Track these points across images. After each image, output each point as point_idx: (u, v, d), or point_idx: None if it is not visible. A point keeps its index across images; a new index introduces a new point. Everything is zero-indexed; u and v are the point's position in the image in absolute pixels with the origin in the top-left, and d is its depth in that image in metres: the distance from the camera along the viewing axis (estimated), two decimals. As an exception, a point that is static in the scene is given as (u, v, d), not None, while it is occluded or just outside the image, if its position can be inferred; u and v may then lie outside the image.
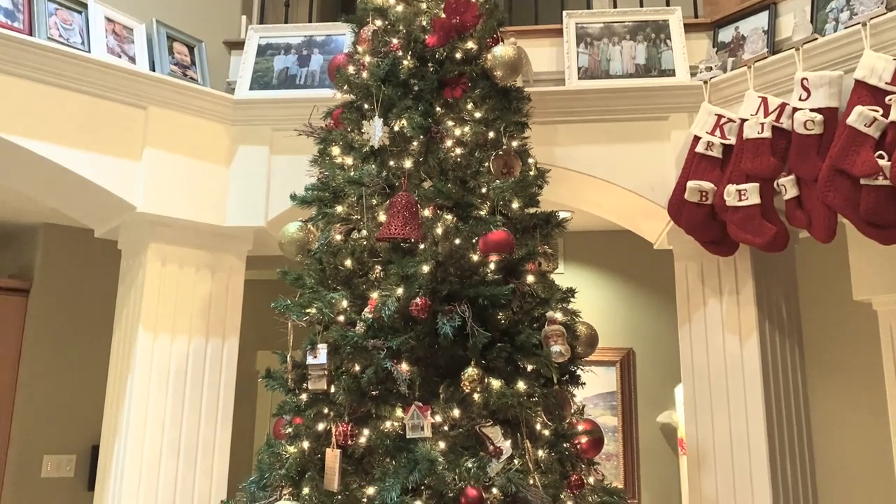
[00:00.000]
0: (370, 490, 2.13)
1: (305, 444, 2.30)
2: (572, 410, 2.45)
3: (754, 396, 2.91)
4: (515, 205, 2.48)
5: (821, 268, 4.17)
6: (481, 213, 2.43)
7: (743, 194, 2.70)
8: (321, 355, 2.27)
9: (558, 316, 2.40)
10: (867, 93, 2.45)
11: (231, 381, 3.25)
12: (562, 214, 2.68)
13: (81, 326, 4.34)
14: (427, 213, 2.40)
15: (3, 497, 4.25)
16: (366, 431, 2.23)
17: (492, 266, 2.33)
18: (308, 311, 2.35)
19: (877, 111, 2.40)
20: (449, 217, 2.38)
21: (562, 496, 2.24)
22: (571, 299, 2.54)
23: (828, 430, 4.18)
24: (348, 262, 2.43)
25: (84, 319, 4.34)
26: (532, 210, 2.60)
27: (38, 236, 4.41)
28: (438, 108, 2.53)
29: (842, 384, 4.27)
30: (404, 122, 2.47)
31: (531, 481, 2.14)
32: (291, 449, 2.30)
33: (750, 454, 2.90)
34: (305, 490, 2.24)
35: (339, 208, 2.50)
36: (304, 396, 2.34)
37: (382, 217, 2.38)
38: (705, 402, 3.04)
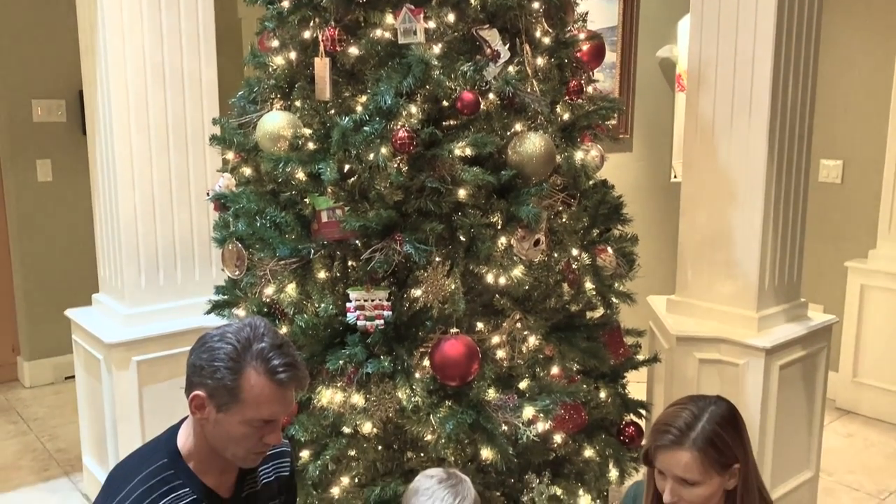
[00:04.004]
0: (363, 98, 2.07)
1: (293, 55, 2.18)
2: (574, 18, 2.30)
3: (766, 14, 2.73)
4: None
5: None
6: None
7: None
8: (300, -47, 2.04)
9: None
10: None
11: (209, 12, 3.03)
12: None
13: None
14: None
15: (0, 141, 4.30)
16: (355, 42, 2.10)
17: None
18: None
19: None
20: None
21: (559, 102, 2.20)
22: None
23: (834, 71, 4.08)
24: None
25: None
26: None
27: None
28: None
29: (854, 26, 4.09)
30: None
31: (529, 87, 2.07)
32: (278, 60, 2.19)
33: (753, 76, 2.81)
34: (297, 102, 2.18)
35: None
36: (285, 3, 2.16)
37: None
38: (713, 23, 2.88)
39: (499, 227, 2.07)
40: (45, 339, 4.47)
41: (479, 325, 2.20)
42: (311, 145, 2.07)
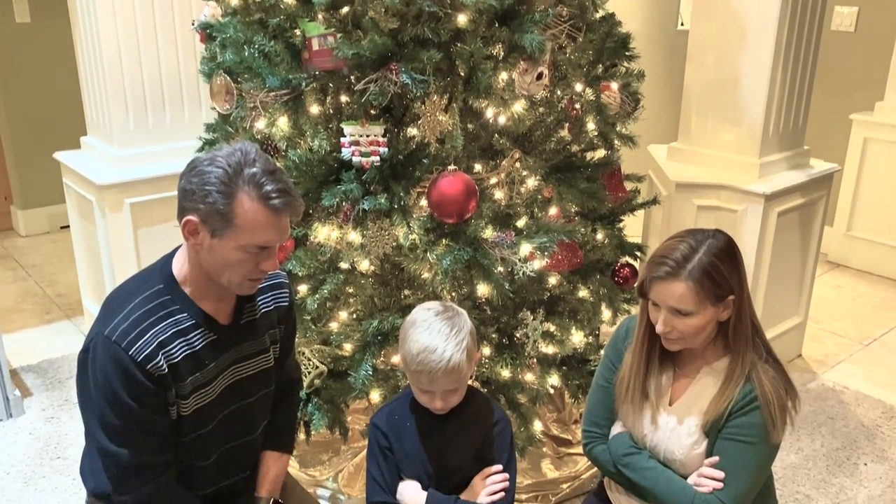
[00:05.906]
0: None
1: None
2: None
3: None
4: None
5: None
6: None
7: None
8: None
9: None
10: None
11: None
12: None
13: None
14: None
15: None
16: None
17: None
18: None
19: None
20: None
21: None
22: None
23: None
24: None
25: None
26: None
27: None
28: None
29: None
30: None
31: None
32: None
33: None
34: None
35: None
36: None
37: None
38: None
39: (500, 59, 1.98)
40: (38, 187, 4.43)
41: (478, 167, 2.15)
42: (300, -34, 1.93)
